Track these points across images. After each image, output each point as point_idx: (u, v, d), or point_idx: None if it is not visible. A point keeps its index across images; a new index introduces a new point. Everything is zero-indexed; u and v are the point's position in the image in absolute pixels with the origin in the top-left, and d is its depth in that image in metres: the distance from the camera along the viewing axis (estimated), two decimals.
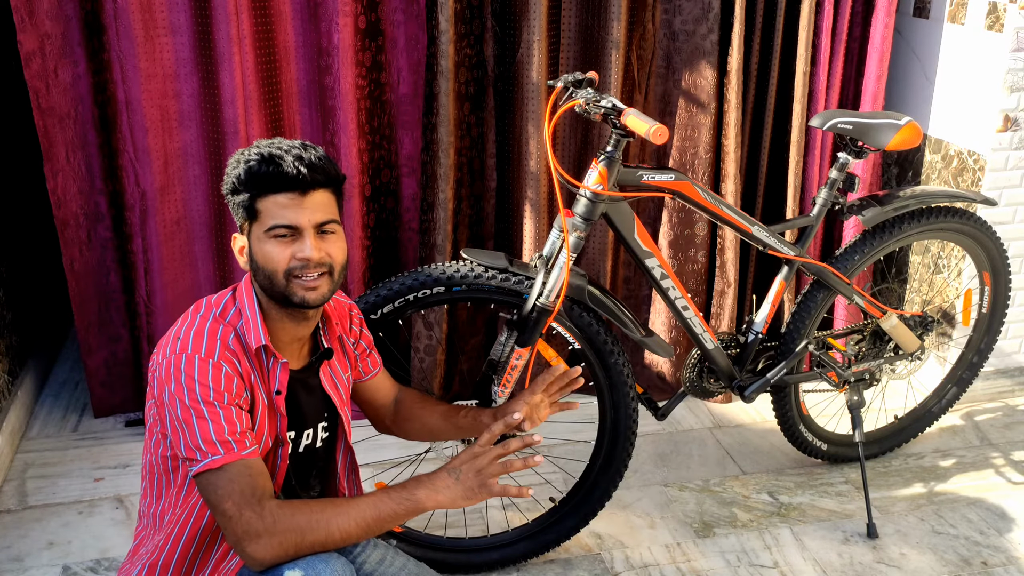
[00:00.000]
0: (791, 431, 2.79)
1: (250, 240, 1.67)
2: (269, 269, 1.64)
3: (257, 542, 1.55)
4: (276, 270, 1.64)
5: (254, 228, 1.65)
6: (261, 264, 1.65)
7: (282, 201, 1.62)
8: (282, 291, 1.65)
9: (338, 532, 1.60)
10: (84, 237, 2.87)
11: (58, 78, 2.67)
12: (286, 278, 1.64)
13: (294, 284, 1.64)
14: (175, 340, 1.62)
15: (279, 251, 1.63)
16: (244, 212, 1.66)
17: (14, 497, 2.68)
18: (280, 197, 1.62)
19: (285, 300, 1.66)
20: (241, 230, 1.69)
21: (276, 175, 1.61)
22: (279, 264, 1.63)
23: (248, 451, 1.59)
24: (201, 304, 1.70)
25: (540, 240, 2.97)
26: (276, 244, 1.63)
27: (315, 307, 1.69)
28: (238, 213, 1.67)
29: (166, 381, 1.59)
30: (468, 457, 1.70)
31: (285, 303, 1.67)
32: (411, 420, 2.08)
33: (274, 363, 1.69)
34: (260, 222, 1.64)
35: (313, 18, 2.80)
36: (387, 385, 2.07)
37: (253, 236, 1.66)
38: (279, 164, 1.61)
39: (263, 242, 1.64)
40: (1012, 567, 2.47)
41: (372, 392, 2.04)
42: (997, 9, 2.87)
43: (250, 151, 1.66)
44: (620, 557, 2.49)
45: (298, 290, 1.65)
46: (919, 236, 2.71)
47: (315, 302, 1.67)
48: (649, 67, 2.99)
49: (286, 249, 1.64)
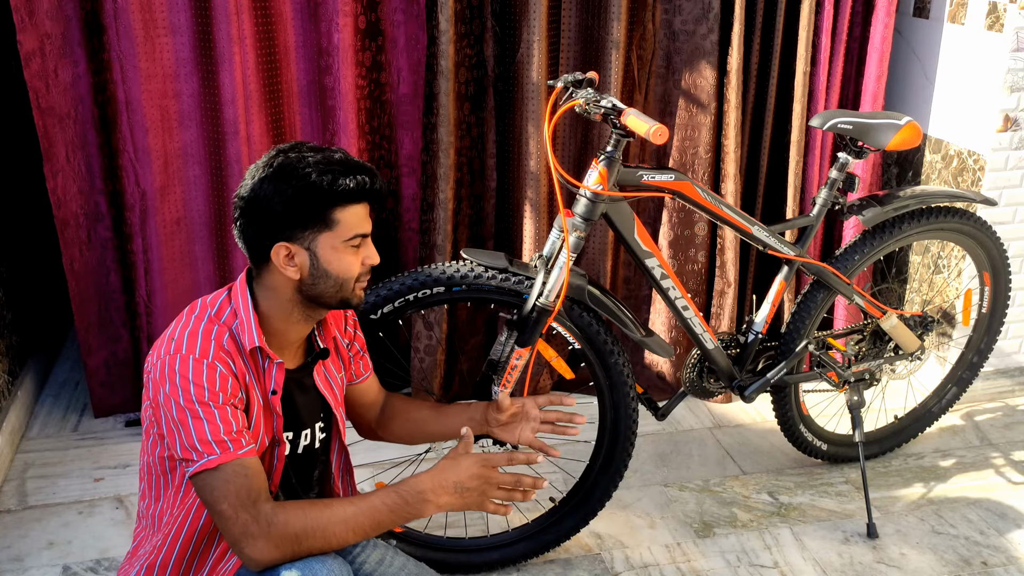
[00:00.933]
0: (791, 431, 2.79)
1: (317, 248, 1.65)
2: (344, 277, 1.68)
3: (254, 543, 1.55)
4: (351, 277, 1.69)
5: (325, 237, 1.65)
6: (335, 272, 1.67)
7: (359, 212, 1.67)
8: (347, 295, 1.71)
9: (334, 536, 1.61)
10: (84, 237, 2.87)
11: (58, 78, 2.67)
12: (354, 283, 1.71)
13: (356, 288, 1.72)
14: (170, 341, 1.62)
15: (354, 259, 1.69)
16: (314, 221, 1.63)
17: (14, 497, 2.68)
18: (358, 207, 1.67)
19: (343, 303, 1.72)
20: (293, 239, 1.64)
21: (361, 187, 1.64)
22: (354, 271, 1.70)
23: (244, 451, 1.59)
24: (196, 305, 1.70)
25: (540, 240, 2.97)
26: (352, 252, 1.68)
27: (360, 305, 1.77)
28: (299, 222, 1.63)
29: (161, 382, 1.59)
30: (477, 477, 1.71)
31: (342, 305, 1.73)
32: (397, 417, 2.08)
33: (269, 363, 1.69)
34: (337, 232, 1.65)
35: (313, 18, 2.80)
36: (376, 389, 2.07)
37: (323, 245, 1.65)
38: (362, 175, 1.65)
39: (340, 251, 1.67)
40: (1012, 567, 2.47)
41: (361, 395, 2.03)
42: (997, 9, 2.87)
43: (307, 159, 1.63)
44: (620, 557, 2.49)
45: (358, 292, 1.73)
46: (919, 236, 2.71)
47: (363, 302, 1.78)
48: (649, 67, 2.99)
49: (358, 256, 1.70)
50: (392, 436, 2.10)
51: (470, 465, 1.72)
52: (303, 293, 1.69)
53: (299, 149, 1.66)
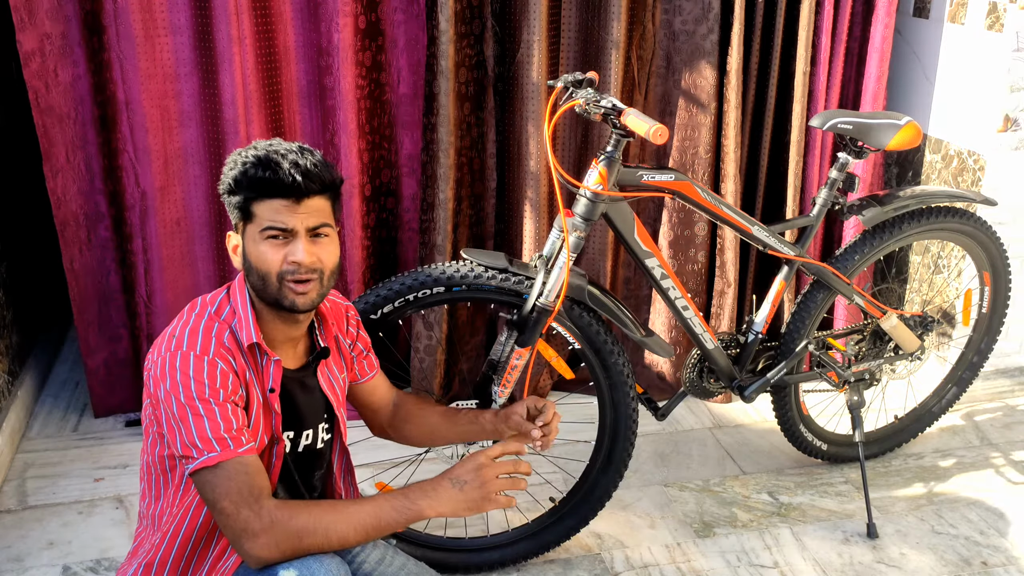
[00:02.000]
0: (791, 431, 2.79)
1: (244, 240, 1.68)
2: (263, 270, 1.65)
3: (255, 541, 1.55)
4: (269, 271, 1.65)
5: (248, 228, 1.66)
6: (254, 264, 1.66)
7: (276, 206, 1.63)
8: (274, 294, 1.66)
9: (336, 536, 1.61)
10: (84, 237, 2.87)
11: (58, 78, 2.67)
12: (279, 280, 1.65)
13: (285, 287, 1.65)
14: (170, 338, 1.63)
15: (272, 253, 1.64)
16: (239, 212, 1.66)
17: (14, 497, 2.68)
18: (275, 202, 1.63)
19: (276, 303, 1.67)
20: (236, 229, 1.70)
21: (272, 181, 1.62)
22: (272, 266, 1.64)
23: (244, 448, 1.59)
24: (196, 303, 1.70)
25: (540, 240, 2.97)
26: (270, 246, 1.64)
27: (304, 311, 1.70)
28: (233, 213, 1.68)
29: (161, 379, 1.59)
30: (473, 468, 1.71)
31: (276, 306, 1.68)
32: (409, 422, 2.07)
33: (267, 360, 1.69)
34: (255, 223, 1.65)
35: (313, 18, 2.80)
36: (384, 388, 2.06)
37: (247, 236, 1.67)
38: (276, 170, 1.62)
39: (257, 243, 1.65)
40: (1012, 567, 2.47)
41: (369, 394, 2.03)
42: (997, 9, 2.87)
43: (247, 152, 1.66)
44: (620, 557, 2.49)
45: (289, 294, 1.66)
46: (919, 236, 2.71)
47: (304, 307, 1.68)
48: (649, 67, 2.99)
49: (279, 251, 1.64)
50: (402, 439, 2.10)
51: (465, 460, 1.73)
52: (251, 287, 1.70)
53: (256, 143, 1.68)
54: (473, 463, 1.72)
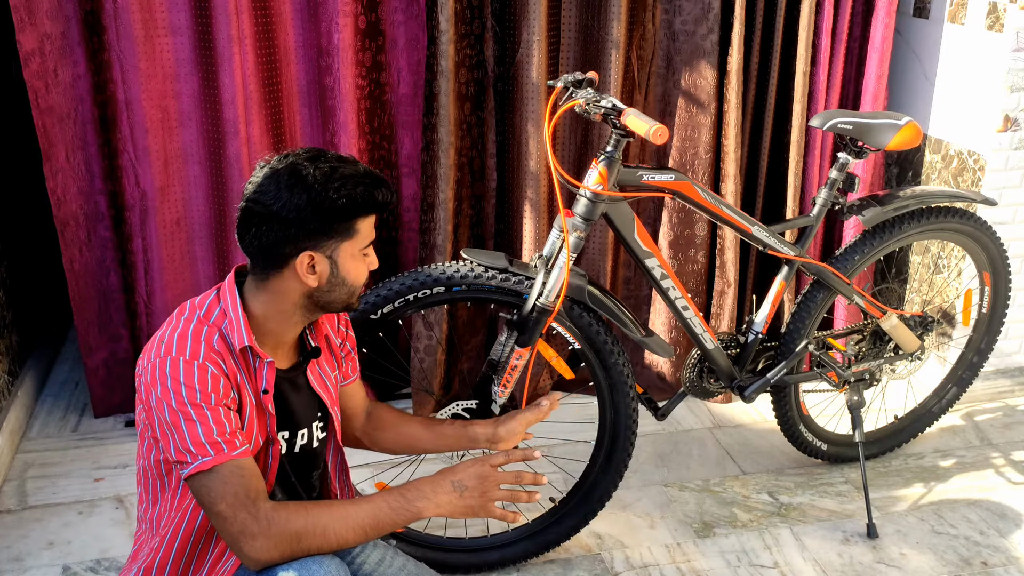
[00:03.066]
0: (791, 431, 2.79)
1: (338, 257, 1.67)
2: (358, 283, 1.73)
3: (253, 543, 1.55)
4: (361, 284, 1.74)
5: (346, 246, 1.67)
6: (351, 280, 1.71)
7: (373, 221, 1.71)
8: (355, 301, 1.75)
9: (334, 537, 1.61)
10: (84, 237, 2.87)
11: (58, 78, 2.67)
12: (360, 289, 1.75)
13: (359, 292, 1.76)
14: (160, 344, 1.62)
15: (364, 266, 1.73)
16: (339, 231, 1.65)
17: (14, 497, 2.68)
18: (374, 218, 1.71)
19: (348, 307, 1.76)
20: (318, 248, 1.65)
21: (383, 201, 1.68)
22: (364, 277, 1.73)
23: (238, 451, 1.59)
24: (185, 307, 1.69)
25: (540, 240, 2.97)
26: (363, 260, 1.72)
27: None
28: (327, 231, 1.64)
29: (152, 385, 1.59)
30: (476, 476, 1.72)
31: (346, 309, 1.76)
32: (385, 430, 2.06)
33: (260, 363, 1.69)
34: (356, 240, 1.68)
35: (313, 18, 2.80)
36: (360, 394, 2.05)
37: (344, 254, 1.67)
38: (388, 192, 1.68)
39: (357, 259, 1.70)
40: (1012, 567, 2.47)
41: (349, 397, 2.02)
42: (997, 9, 2.87)
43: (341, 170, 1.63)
44: (620, 557, 2.49)
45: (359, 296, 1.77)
46: (919, 236, 2.71)
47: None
48: (649, 67, 2.99)
49: (365, 263, 1.73)
50: (378, 447, 2.08)
51: (468, 464, 1.73)
52: (313, 299, 1.70)
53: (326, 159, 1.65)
54: (477, 469, 1.72)
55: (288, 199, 1.60)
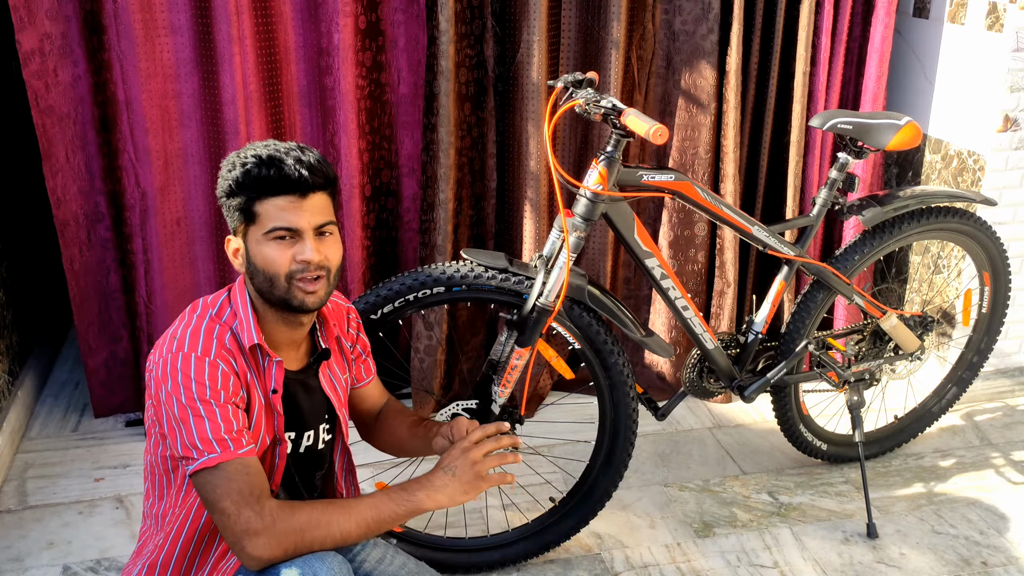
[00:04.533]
0: (791, 431, 2.79)
1: (247, 243, 1.66)
2: (270, 272, 1.64)
3: (256, 541, 1.55)
4: (278, 273, 1.64)
5: (251, 230, 1.65)
6: (261, 267, 1.65)
7: (282, 204, 1.62)
8: (282, 295, 1.65)
9: (338, 533, 1.61)
10: (84, 237, 2.87)
11: (58, 78, 2.67)
12: (287, 281, 1.64)
13: (294, 287, 1.65)
14: (171, 340, 1.63)
15: (279, 253, 1.63)
16: (240, 215, 1.65)
17: (14, 497, 2.68)
18: (280, 200, 1.62)
19: (284, 304, 1.67)
20: (235, 232, 1.68)
21: (277, 178, 1.61)
22: (280, 267, 1.63)
23: (244, 450, 1.59)
24: (198, 304, 1.70)
25: (540, 240, 2.97)
26: (276, 247, 1.63)
27: (313, 310, 1.69)
28: (233, 216, 1.66)
29: (162, 380, 1.59)
30: (460, 453, 1.73)
31: (284, 307, 1.67)
32: (383, 431, 2.06)
33: (269, 362, 1.69)
34: (259, 224, 1.63)
35: (313, 18, 2.80)
36: (377, 394, 2.05)
37: (251, 239, 1.65)
38: (280, 167, 1.61)
39: (262, 244, 1.64)
40: (1012, 567, 2.47)
41: (362, 399, 2.02)
42: (997, 9, 2.87)
43: (246, 153, 1.65)
44: (620, 557, 2.49)
45: (298, 293, 1.65)
46: (919, 236, 2.71)
47: (313, 305, 1.68)
48: (649, 67, 2.99)
49: (286, 251, 1.63)
50: (378, 446, 2.09)
51: (449, 450, 1.75)
52: (255, 289, 1.69)
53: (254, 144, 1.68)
54: (459, 448, 1.74)
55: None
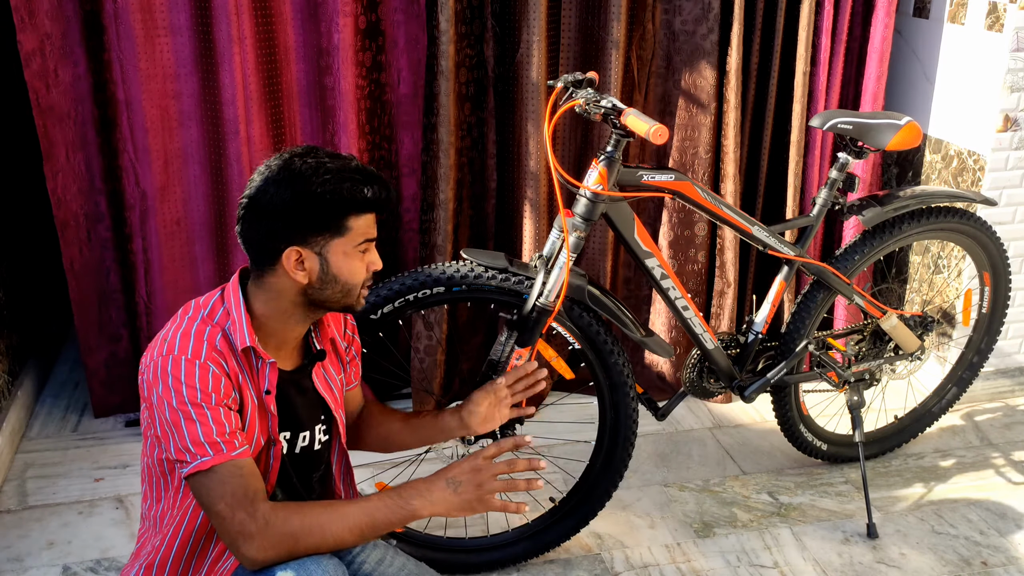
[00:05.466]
0: (791, 431, 2.79)
1: (329, 254, 1.66)
2: (353, 282, 1.70)
3: (251, 543, 1.56)
4: (359, 282, 1.71)
5: (337, 243, 1.66)
6: (345, 277, 1.68)
7: (371, 219, 1.70)
8: (352, 301, 1.73)
9: (332, 538, 1.61)
10: (84, 237, 2.87)
11: (58, 78, 2.67)
12: (359, 289, 1.72)
13: (360, 293, 1.73)
14: (163, 342, 1.62)
15: (361, 265, 1.70)
16: (330, 227, 1.64)
17: (14, 497, 2.68)
18: (370, 216, 1.69)
19: (348, 308, 1.74)
20: (307, 243, 1.64)
21: (379, 199, 1.67)
22: (360, 277, 1.71)
23: (238, 452, 1.59)
24: (189, 306, 1.70)
25: (540, 240, 2.97)
26: (359, 258, 1.70)
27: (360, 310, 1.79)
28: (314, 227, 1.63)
29: (154, 384, 1.59)
30: (469, 469, 1.71)
31: (345, 310, 1.75)
32: (370, 427, 2.06)
33: (262, 363, 1.69)
34: (348, 238, 1.66)
35: (313, 18, 2.80)
36: (359, 399, 2.06)
37: (335, 250, 1.66)
38: (382, 189, 1.68)
39: (351, 257, 1.68)
40: (1012, 567, 2.47)
41: (347, 402, 2.02)
42: (997, 9, 2.87)
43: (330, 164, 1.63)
44: (620, 557, 2.49)
45: (361, 299, 1.75)
46: (919, 236, 2.71)
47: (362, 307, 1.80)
48: (649, 67, 2.99)
49: (364, 262, 1.71)
50: (364, 445, 2.08)
51: (462, 461, 1.73)
52: (308, 297, 1.69)
53: (316, 155, 1.65)
54: (470, 464, 1.71)
55: (275, 193, 1.62)
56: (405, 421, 2.06)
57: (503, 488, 1.71)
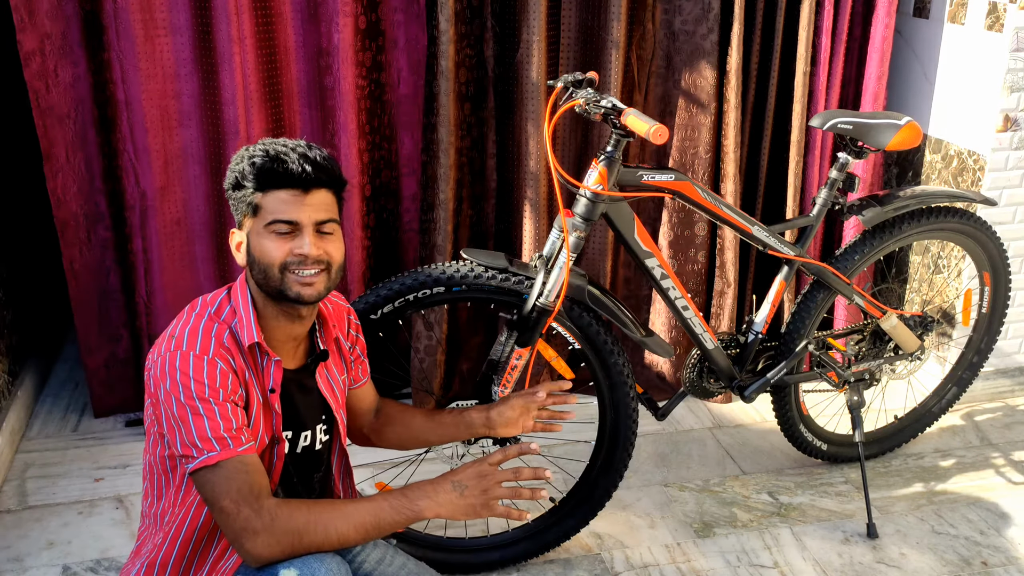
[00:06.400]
0: (791, 431, 2.79)
1: (249, 235, 1.68)
2: (265, 262, 1.64)
3: (255, 539, 1.56)
4: (272, 263, 1.64)
5: (254, 223, 1.66)
6: (258, 258, 1.65)
7: (284, 197, 1.63)
8: (277, 286, 1.65)
9: (336, 535, 1.61)
10: (84, 237, 2.87)
11: (58, 78, 2.67)
12: (281, 272, 1.64)
13: (289, 278, 1.65)
14: (170, 338, 1.63)
15: (276, 246, 1.64)
16: (245, 207, 1.66)
17: (14, 497, 2.68)
18: (282, 193, 1.63)
19: (280, 295, 1.66)
20: (240, 226, 1.70)
21: (280, 171, 1.63)
22: (275, 258, 1.64)
23: (244, 448, 1.59)
24: (197, 303, 1.71)
25: (540, 240, 2.97)
26: (275, 239, 1.64)
27: (310, 303, 1.69)
28: (239, 208, 1.68)
29: (161, 379, 1.59)
30: (475, 475, 1.72)
31: (280, 298, 1.67)
32: (391, 425, 2.07)
33: (268, 361, 1.69)
34: (260, 217, 1.65)
35: (313, 18, 2.80)
36: (371, 396, 2.06)
37: (252, 231, 1.66)
38: (284, 161, 1.63)
39: (261, 236, 1.65)
40: (1012, 567, 2.47)
41: (357, 401, 2.02)
42: (997, 9, 2.87)
43: (255, 148, 1.67)
44: (620, 557, 2.49)
45: (293, 285, 1.65)
46: (919, 236, 2.71)
47: (310, 298, 1.67)
48: (649, 67, 2.99)
49: (284, 244, 1.64)
50: (386, 442, 2.09)
51: (468, 464, 1.74)
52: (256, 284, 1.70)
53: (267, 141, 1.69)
54: (476, 469, 1.72)
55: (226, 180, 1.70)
56: (428, 416, 2.07)
57: (508, 495, 1.72)
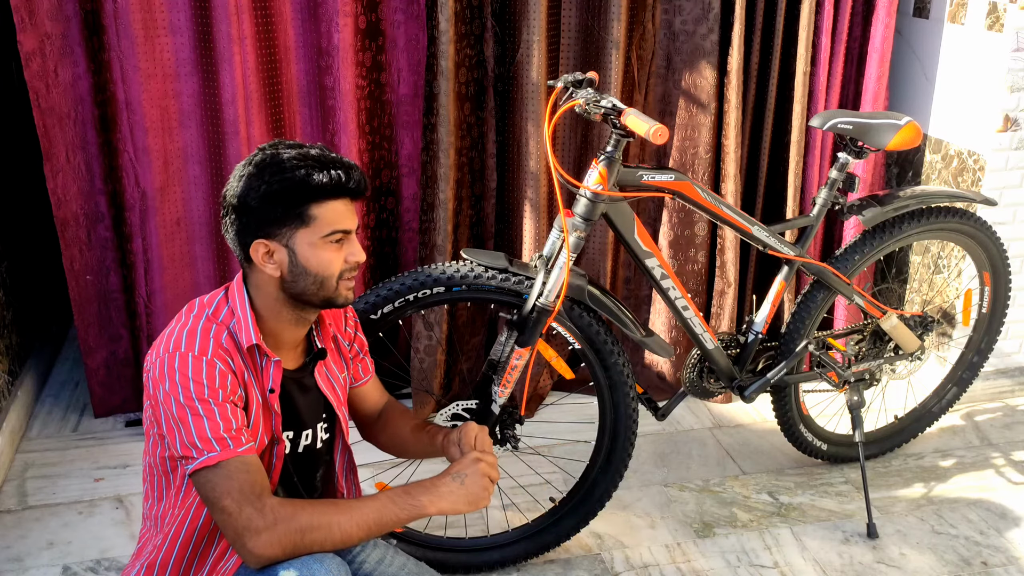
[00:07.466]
0: (791, 431, 2.79)
1: (294, 246, 1.65)
2: (324, 273, 1.66)
3: (257, 538, 1.55)
4: (332, 274, 1.67)
5: (302, 234, 1.64)
6: (315, 269, 1.66)
7: (340, 208, 1.66)
8: (330, 294, 1.69)
9: (339, 533, 1.60)
10: (84, 237, 2.87)
11: (58, 78, 2.67)
12: (338, 281, 1.68)
13: (341, 286, 1.69)
14: (168, 339, 1.63)
15: (337, 256, 1.67)
16: (290, 218, 1.63)
17: (14, 497, 2.68)
18: (339, 204, 1.65)
19: (327, 303, 1.70)
20: (272, 236, 1.65)
21: (340, 183, 1.64)
22: (335, 268, 1.67)
23: (244, 448, 1.59)
24: (194, 304, 1.70)
25: (540, 240, 2.97)
26: (334, 250, 1.66)
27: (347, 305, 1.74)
28: (271, 218, 1.63)
29: (160, 380, 1.59)
30: (471, 462, 1.73)
31: (326, 305, 1.71)
32: (385, 431, 2.06)
33: (267, 361, 1.69)
34: (314, 228, 1.64)
35: (313, 18, 2.80)
36: (377, 394, 2.05)
37: (301, 242, 1.64)
38: (342, 172, 1.64)
39: (317, 248, 1.65)
40: (1012, 567, 2.47)
41: (362, 398, 2.02)
42: (997, 9, 2.87)
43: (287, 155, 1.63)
44: (620, 557, 2.49)
45: (343, 291, 1.70)
46: (919, 236, 2.71)
47: (351, 301, 1.74)
48: (649, 67, 2.99)
49: (340, 253, 1.67)
50: (380, 446, 2.08)
51: (466, 456, 1.76)
52: (286, 291, 1.69)
53: (276, 146, 1.67)
54: (469, 458, 1.74)
55: (240, 188, 1.65)
56: (413, 430, 2.02)
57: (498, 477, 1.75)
